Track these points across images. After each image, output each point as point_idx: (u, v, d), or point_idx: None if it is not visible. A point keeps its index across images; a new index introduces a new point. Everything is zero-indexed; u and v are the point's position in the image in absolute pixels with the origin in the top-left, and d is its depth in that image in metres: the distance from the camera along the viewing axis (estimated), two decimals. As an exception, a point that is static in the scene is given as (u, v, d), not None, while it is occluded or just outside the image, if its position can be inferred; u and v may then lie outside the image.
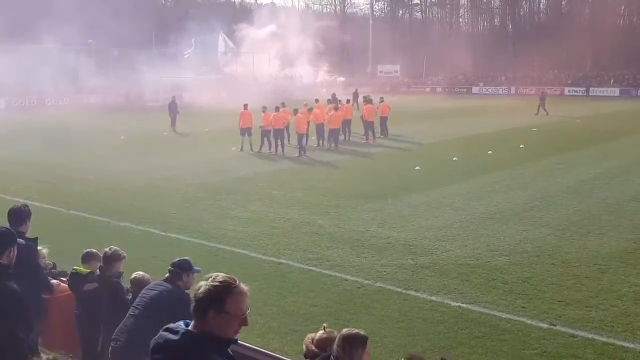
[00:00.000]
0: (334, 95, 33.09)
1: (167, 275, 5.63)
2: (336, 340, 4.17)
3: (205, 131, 32.64)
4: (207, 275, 2.97)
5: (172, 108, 33.11)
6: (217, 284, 2.87)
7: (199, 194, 16.63)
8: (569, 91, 67.63)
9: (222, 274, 2.95)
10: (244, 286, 2.94)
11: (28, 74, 48.84)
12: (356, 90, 47.56)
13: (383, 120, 29.87)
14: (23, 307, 4.63)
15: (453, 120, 37.82)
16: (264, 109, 25.36)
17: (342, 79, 77.38)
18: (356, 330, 4.18)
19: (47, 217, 13.63)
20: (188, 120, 34.44)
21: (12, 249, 4.78)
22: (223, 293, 2.85)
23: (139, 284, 5.95)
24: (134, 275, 6.25)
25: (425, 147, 26.15)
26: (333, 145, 26.13)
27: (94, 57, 51.00)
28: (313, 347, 4.50)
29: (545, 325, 8.17)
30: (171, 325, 3.01)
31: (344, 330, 4.22)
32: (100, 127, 35.36)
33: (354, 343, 4.05)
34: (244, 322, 2.96)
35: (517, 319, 8.39)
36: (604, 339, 7.78)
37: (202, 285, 2.90)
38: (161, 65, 60.20)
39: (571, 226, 13.08)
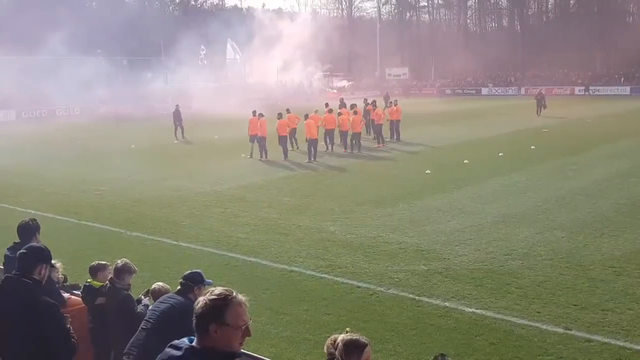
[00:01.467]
0: (341, 100, 33.09)
1: (178, 288, 5.60)
2: (338, 344, 4.13)
3: (214, 138, 32.70)
4: (205, 291, 3.02)
5: (176, 117, 33.14)
6: (214, 297, 2.92)
7: (209, 202, 16.64)
8: (579, 90, 67.30)
9: (220, 288, 2.99)
10: (241, 297, 2.96)
11: (38, 85, 49.18)
12: (387, 93, 47.32)
13: (395, 123, 29.87)
14: (61, 320, 4.66)
15: (463, 123, 37.70)
16: (280, 115, 25.69)
17: (344, 83, 77.38)
18: (357, 336, 4.13)
19: (58, 228, 13.67)
20: (197, 128, 34.53)
21: (45, 265, 4.79)
22: (221, 306, 2.89)
23: (158, 295, 5.92)
24: (153, 286, 6.24)
25: (435, 150, 26.09)
26: (356, 150, 26.09)
27: (104, 67, 51.28)
28: (333, 350, 4.45)
29: (560, 330, 8.08)
30: (175, 341, 3.05)
31: (346, 335, 4.18)
32: (110, 136, 35.53)
33: (353, 349, 4.01)
34: (246, 333, 2.97)
35: (532, 324, 8.30)
36: (621, 343, 7.67)
37: (200, 301, 2.95)
38: (170, 74, 60.53)
39: (585, 228, 12.96)
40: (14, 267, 5.95)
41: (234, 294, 2.95)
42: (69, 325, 4.76)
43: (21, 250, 4.76)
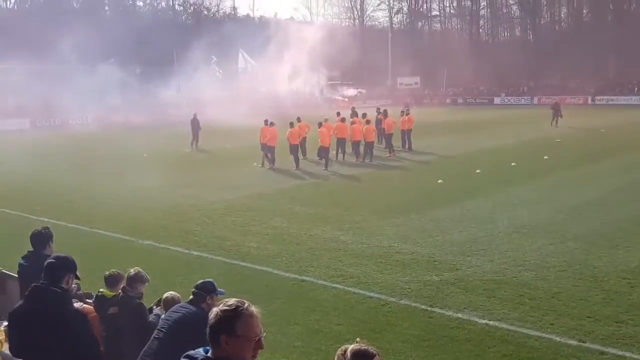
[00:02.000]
0: (353, 109, 33.14)
1: (190, 297, 5.60)
2: (347, 354, 4.09)
3: (226, 147, 32.81)
4: (220, 302, 3.01)
5: (194, 125, 33.40)
6: (226, 308, 2.91)
7: (220, 210, 16.66)
8: (592, 100, 66.92)
9: (233, 299, 2.98)
10: (253, 308, 2.95)
11: (52, 94, 49.62)
12: (407, 101, 47.32)
13: (407, 133, 29.90)
14: (89, 329, 4.70)
15: (475, 132, 37.61)
16: (291, 124, 25.92)
17: (352, 91, 77.42)
18: (366, 346, 4.10)
19: (71, 236, 13.74)
20: (209, 136, 34.66)
21: (72, 275, 4.84)
22: (232, 317, 2.89)
23: (170, 304, 5.93)
24: (165, 295, 6.25)
25: (447, 159, 26.01)
26: (368, 159, 26.06)
27: (117, 76, 51.69)
28: None
29: (574, 342, 8.00)
30: (190, 352, 3.05)
31: (355, 345, 4.15)
32: (123, 145, 35.73)
33: (362, 359, 3.97)
34: (259, 345, 2.95)
35: (546, 336, 8.22)
36: (636, 356, 7.58)
37: (213, 312, 2.95)
38: (182, 82, 60.85)
39: (598, 239, 12.85)
40: (28, 275, 6.00)
41: (246, 305, 2.94)
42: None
43: (49, 260, 4.78)
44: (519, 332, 8.36)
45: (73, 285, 6.78)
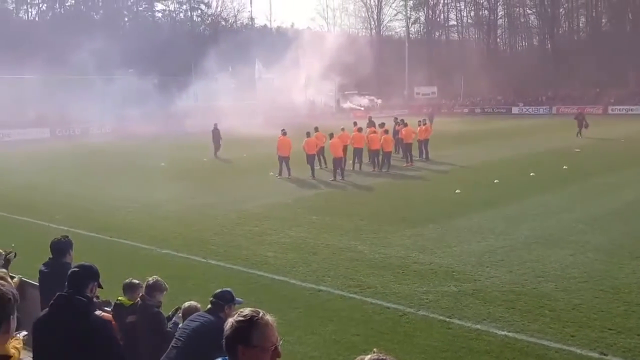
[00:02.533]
0: (370, 119, 33.10)
1: (209, 307, 5.60)
2: None
3: (243, 156, 32.94)
4: (233, 312, 3.01)
5: (215, 135, 33.73)
6: (241, 319, 2.89)
7: (238, 220, 16.70)
8: (612, 110, 66.32)
9: (248, 309, 2.96)
10: (269, 317, 2.92)
11: (71, 104, 50.18)
12: (429, 110, 47.38)
13: (424, 143, 29.90)
14: (114, 337, 4.74)
15: (493, 142, 37.41)
16: (308, 134, 26.04)
17: (366, 101, 77.46)
18: (384, 356, 4.05)
19: (89, 245, 13.83)
20: (226, 146, 34.82)
21: (96, 283, 4.88)
22: (248, 327, 2.86)
23: (190, 313, 5.93)
24: (184, 304, 6.26)
25: (465, 169, 25.86)
26: (385, 169, 26.00)
27: (135, 86, 52.18)
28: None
29: (595, 355, 7.88)
30: None
31: (373, 355, 4.09)
32: (142, 154, 36.01)
33: None
34: (275, 353, 2.92)
35: (566, 348, 8.11)
36: (660, 370, 7.45)
37: (228, 323, 2.93)
38: (200, 92, 61.24)
39: (619, 250, 12.68)
40: (49, 282, 6.05)
41: (261, 314, 2.92)
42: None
43: (73, 269, 4.80)
44: (539, 344, 8.25)
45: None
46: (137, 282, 6.66)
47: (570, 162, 26.24)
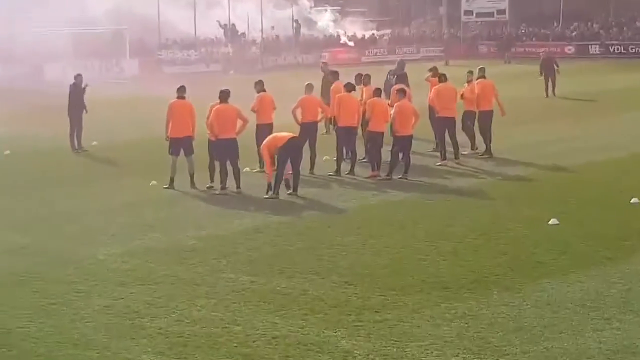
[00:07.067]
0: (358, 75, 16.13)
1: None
2: None
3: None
4: None
5: None
6: None
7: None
8: None
9: None
10: None
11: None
12: (550, 55, 27.47)
13: (483, 118, 15.58)
14: None
15: (623, 116, 21.33)
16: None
17: (357, 27, 46.84)
18: None
19: None
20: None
21: None
22: None
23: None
24: None
25: (566, 174, 14.20)
26: (399, 175, 13.68)
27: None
28: None
29: None
30: None
31: None
32: None
33: None
34: None
35: None
36: None
37: None
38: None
39: None
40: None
41: None
42: None
43: None
44: None
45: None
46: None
47: None
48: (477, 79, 15.70)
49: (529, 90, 26.48)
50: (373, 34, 46.38)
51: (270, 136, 12.58)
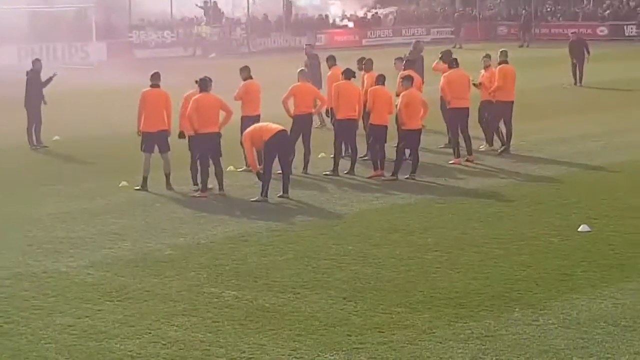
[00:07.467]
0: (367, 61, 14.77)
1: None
2: None
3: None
4: None
5: None
6: None
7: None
8: None
9: None
10: None
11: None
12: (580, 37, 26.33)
13: (502, 110, 14.61)
14: None
15: None
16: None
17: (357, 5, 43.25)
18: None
19: None
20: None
21: None
22: None
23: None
24: None
25: (600, 172, 13.73)
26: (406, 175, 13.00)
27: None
28: None
29: None
30: None
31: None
32: None
33: None
34: None
35: None
36: None
37: None
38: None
39: None
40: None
41: None
42: None
43: None
44: None
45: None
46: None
47: None
48: (498, 64, 14.77)
49: (551, 77, 25.28)
50: (376, 13, 43.09)
51: (257, 125, 11.78)
